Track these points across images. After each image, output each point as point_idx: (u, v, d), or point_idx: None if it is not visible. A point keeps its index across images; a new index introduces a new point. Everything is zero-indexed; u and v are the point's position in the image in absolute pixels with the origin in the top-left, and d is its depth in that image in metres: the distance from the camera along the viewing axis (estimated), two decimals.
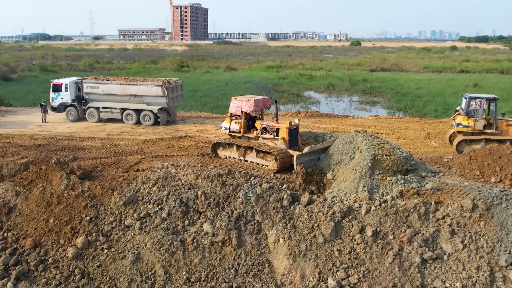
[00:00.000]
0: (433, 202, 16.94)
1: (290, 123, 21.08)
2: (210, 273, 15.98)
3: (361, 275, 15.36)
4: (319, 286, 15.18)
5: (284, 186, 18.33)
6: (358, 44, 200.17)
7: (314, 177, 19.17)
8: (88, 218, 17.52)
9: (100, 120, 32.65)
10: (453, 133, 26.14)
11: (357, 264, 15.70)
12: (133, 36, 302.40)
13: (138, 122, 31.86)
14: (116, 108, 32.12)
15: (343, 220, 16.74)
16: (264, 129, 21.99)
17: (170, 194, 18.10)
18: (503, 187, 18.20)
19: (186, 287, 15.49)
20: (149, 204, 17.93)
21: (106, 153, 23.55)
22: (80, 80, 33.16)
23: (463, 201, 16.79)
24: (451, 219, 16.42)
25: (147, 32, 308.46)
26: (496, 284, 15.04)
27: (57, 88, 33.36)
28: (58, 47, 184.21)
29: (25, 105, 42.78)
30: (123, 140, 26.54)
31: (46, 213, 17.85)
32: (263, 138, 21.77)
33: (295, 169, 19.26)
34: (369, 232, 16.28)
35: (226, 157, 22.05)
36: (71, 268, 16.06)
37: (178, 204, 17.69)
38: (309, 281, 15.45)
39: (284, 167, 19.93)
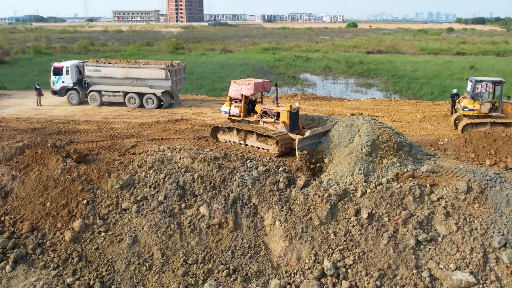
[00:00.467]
0: (428, 185, 17.07)
1: (290, 106, 20.93)
2: (207, 256, 16.11)
3: (356, 257, 15.53)
4: (315, 267, 15.35)
5: (280, 169, 18.39)
6: (354, 26, 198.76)
7: (313, 161, 19.20)
8: (85, 201, 17.58)
9: (102, 104, 32.39)
10: (458, 116, 26.15)
11: (352, 246, 15.86)
12: (127, 18, 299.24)
13: (141, 106, 31.65)
14: (118, 92, 31.86)
15: (339, 203, 16.86)
16: (265, 113, 21.80)
17: (166, 178, 18.15)
18: (498, 170, 18.34)
19: (183, 269, 15.62)
20: (146, 187, 17.98)
21: (102, 136, 23.53)
22: (82, 63, 32.82)
23: (458, 184, 16.92)
24: (446, 202, 16.56)
25: (142, 14, 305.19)
26: (489, 265, 15.25)
27: (58, 72, 33.01)
28: (52, 29, 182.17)
29: (20, 88, 42.44)
30: (119, 123, 26.48)
31: (43, 196, 17.88)
32: (264, 122, 21.59)
33: (296, 153, 19.15)
34: (364, 214, 16.42)
35: (226, 141, 21.96)
36: (68, 251, 16.17)
37: (175, 187, 17.75)
38: (305, 262, 15.62)
39: (285, 151, 19.96)
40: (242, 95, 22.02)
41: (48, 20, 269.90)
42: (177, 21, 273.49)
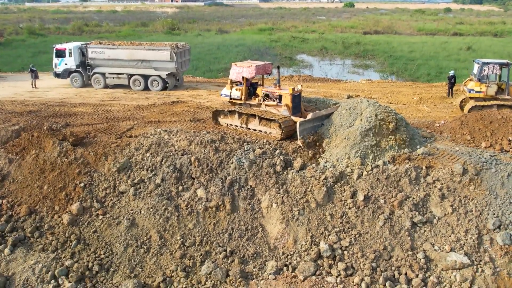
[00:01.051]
0: (424, 167, 17.18)
1: (293, 89, 20.60)
2: (205, 238, 16.25)
3: (352, 239, 15.71)
4: (311, 249, 15.52)
5: (277, 151, 18.43)
6: (351, 6, 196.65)
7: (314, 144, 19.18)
8: (82, 184, 17.62)
9: (106, 86, 31.93)
10: (464, 99, 26.10)
11: (348, 228, 16.02)
12: None
13: (146, 88, 31.27)
14: (123, 74, 31.36)
15: (335, 185, 16.97)
16: (266, 96, 21.47)
17: (163, 160, 18.17)
18: (493, 152, 18.45)
19: (181, 252, 15.76)
20: (143, 170, 18.02)
21: (98, 119, 23.44)
22: (85, 45, 32.22)
23: (454, 166, 17.03)
24: (441, 184, 16.69)
25: None
26: (483, 247, 15.45)
27: (60, 54, 32.35)
28: (45, 10, 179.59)
29: (14, 70, 42.02)
30: (115, 105, 26.34)
31: (40, 180, 17.91)
32: (266, 105, 21.29)
33: (298, 136, 19.00)
34: (360, 196, 16.54)
35: (227, 124, 21.66)
36: (67, 234, 16.27)
37: (172, 170, 17.78)
38: (302, 244, 15.78)
39: (289, 134, 19.77)
40: (243, 77, 21.64)
41: (41, 0, 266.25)
42: (172, 0, 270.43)
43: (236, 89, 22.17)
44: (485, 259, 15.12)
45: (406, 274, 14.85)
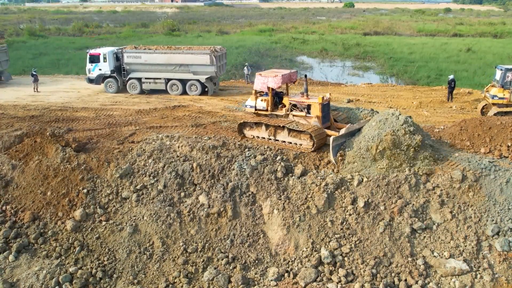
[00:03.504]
0: (423, 174, 17.34)
1: (322, 98, 19.83)
2: (207, 244, 16.43)
3: (353, 245, 15.88)
4: (312, 255, 15.70)
5: (278, 158, 18.61)
6: (351, 6, 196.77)
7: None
8: (85, 190, 17.78)
9: (142, 92, 31.60)
10: (485, 105, 26.25)
11: (349, 234, 16.19)
12: None
13: (183, 93, 31.01)
14: (160, 79, 31.03)
15: (336, 192, 17.14)
16: (294, 106, 20.66)
17: (165, 166, 18.34)
18: (492, 158, 18.60)
19: (183, 258, 15.94)
20: (145, 176, 18.18)
21: (100, 124, 23.59)
22: (120, 50, 31.96)
23: (453, 172, 17.20)
24: (441, 190, 16.87)
25: None
26: (482, 253, 15.63)
27: (94, 59, 31.91)
28: (46, 10, 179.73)
29: (15, 73, 42.11)
30: (117, 110, 26.51)
31: (43, 186, 18.06)
32: (293, 115, 20.55)
33: (330, 152, 18.45)
34: (361, 203, 16.72)
35: (253, 136, 20.90)
36: (70, 240, 16.44)
37: (174, 176, 17.95)
38: (303, 251, 15.96)
39: (320, 145, 19.30)
40: (268, 87, 20.88)
41: (41, 1, 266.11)
42: (172, 1, 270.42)
43: (262, 100, 21.33)
44: (484, 266, 15.31)
45: (405, 280, 15.04)
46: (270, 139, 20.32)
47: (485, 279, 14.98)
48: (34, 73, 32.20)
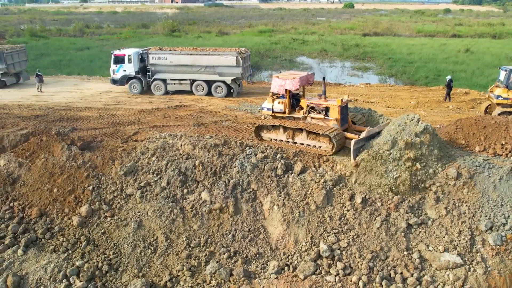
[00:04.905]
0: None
1: (341, 100, 19.72)
2: (209, 239, 16.94)
3: (350, 240, 16.40)
4: (311, 250, 16.22)
5: (278, 155, 19.12)
6: (351, 7, 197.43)
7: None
8: (90, 187, 18.29)
9: (167, 92, 31.98)
10: (489, 105, 26.77)
11: (347, 229, 16.71)
12: None
13: (209, 93, 31.33)
14: (185, 80, 31.39)
15: (334, 188, 17.67)
16: (312, 108, 20.51)
17: (168, 164, 18.85)
18: (487, 156, 19.12)
19: (186, 252, 16.45)
20: (149, 173, 18.68)
21: (104, 123, 24.11)
22: (145, 51, 32.21)
23: (448, 170, 17.70)
24: (436, 187, 17.37)
25: None
26: (475, 247, 16.15)
27: (119, 60, 32.25)
28: (46, 11, 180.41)
29: None
30: (120, 110, 27.02)
31: (50, 183, 18.57)
32: (312, 118, 20.41)
33: (351, 156, 18.13)
34: (358, 199, 17.24)
35: (271, 139, 20.70)
36: (77, 235, 16.95)
37: (177, 174, 18.46)
38: (302, 245, 16.48)
39: (339, 147, 19.27)
40: (286, 90, 20.69)
41: (42, 1, 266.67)
42: (172, 1, 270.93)
43: (279, 102, 21.13)
44: (477, 259, 15.82)
45: (401, 273, 15.55)
46: (288, 141, 20.24)
47: (478, 272, 15.49)
48: (39, 73, 32.72)
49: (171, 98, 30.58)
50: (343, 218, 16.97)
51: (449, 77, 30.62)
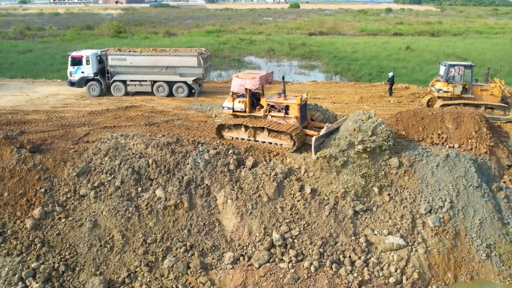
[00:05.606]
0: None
1: (300, 99, 20.44)
2: (165, 235, 17.29)
3: (301, 228, 17.25)
4: (265, 239, 16.93)
5: (230, 151, 19.71)
6: (297, 7, 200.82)
7: None
8: (42, 190, 18.15)
9: (127, 94, 31.50)
10: (431, 98, 28.29)
11: (298, 218, 17.55)
12: None
13: (170, 94, 31.15)
14: (145, 81, 31.08)
15: (285, 180, 18.48)
16: (272, 107, 21.06)
17: (122, 164, 19.01)
18: (425, 145, 20.53)
19: (143, 248, 16.73)
20: (102, 173, 18.77)
21: (53, 126, 23.82)
22: (104, 52, 31.57)
23: (391, 160, 18.90)
24: (381, 176, 18.52)
25: None
26: (416, 230, 17.42)
27: (76, 62, 31.32)
28: None
29: None
30: (69, 112, 26.73)
31: (0, 187, 18.27)
32: (272, 116, 20.93)
33: (312, 152, 18.90)
34: (307, 190, 18.12)
35: (232, 138, 21.29)
36: (30, 238, 16.82)
37: (131, 173, 18.67)
38: (256, 236, 17.15)
39: (300, 145, 19.95)
40: (246, 89, 21.09)
41: None
42: (116, 2, 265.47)
43: (239, 101, 21.48)
44: (418, 240, 17.09)
45: (350, 257, 16.55)
46: (250, 140, 20.81)
47: (419, 252, 16.74)
48: None
49: (121, 99, 30.48)
50: (294, 208, 17.78)
51: (391, 73, 32.23)
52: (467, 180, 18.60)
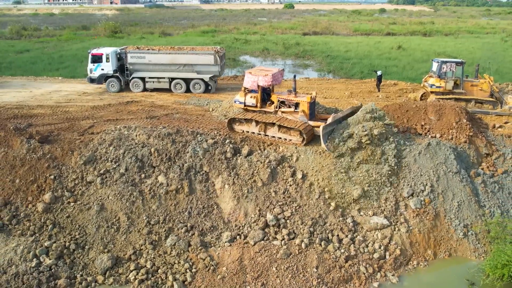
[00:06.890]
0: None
1: (311, 97, 21.42)
2: (167, 217, 18.65)
3: (293, 210, 18.68)
4: (259, 220, 18.34)
5: (227, 141, 21.09)
6: (291, 7, 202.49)
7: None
8: (52, 177, 19.46)
9: (145, 90, 32.67)
10: (424, 93, 29.78)
11: (290, 201, 18.98)
12: (58, 0, 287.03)
13: (187, 91, 32.32)
14: (164, 78, 32.23)
15: (278, 167, 19.91)
16: (282, 103, 22.05)
17: (125, 153, 20.34)
18: (409, 135, 21.97)
19: (147, 229, 18.09)
20: (107, 162, 20.10)
21: (58, 119, 25.07)
22: (124, 50, 32.74)
23: (376, 149, 20.31)
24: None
25: None
26: (399, 211, 18.87)
27: (96, 59, 32.53)
28: None
29: None
30: (72, 107, 27.98)
31: (11, 174, 19.54)
32: (282, 112, 21.91)
33: (321, 139, 19.86)
34: (299, 175, 19.56)
35: (243, 131, 22.15)
36: (42, 220, 18.14)
37: (134, 161, 20.01)
38: (251, 217, 18.56)
39: (309, 139, 20.88)
40: (258, 85, 22.02)
41: None
42: (111, 3, 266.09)
43: (251, 96, 22.47)
44: (401, 220, 18.55)
45: (337, 235, 17.99)
46: (260, 134, 21.82)
47: (401, 231, 18.20)
48: None
49: (121, 95, 31.74)
50: (286, 192, 19.21)
51: (379, 72, 33.71)
52: (446, 166, 20.07)
